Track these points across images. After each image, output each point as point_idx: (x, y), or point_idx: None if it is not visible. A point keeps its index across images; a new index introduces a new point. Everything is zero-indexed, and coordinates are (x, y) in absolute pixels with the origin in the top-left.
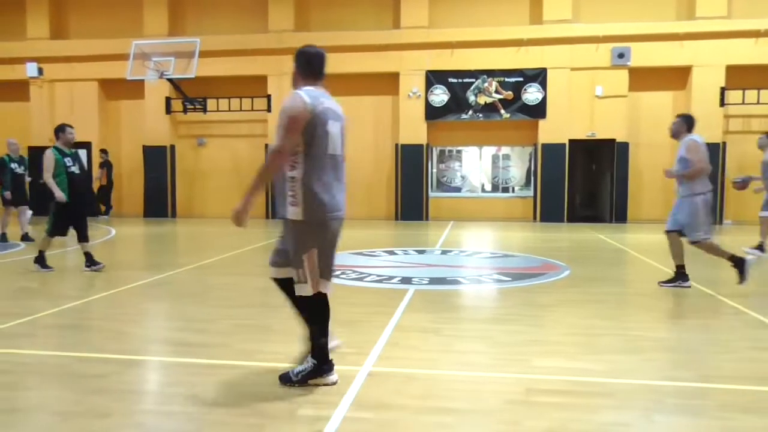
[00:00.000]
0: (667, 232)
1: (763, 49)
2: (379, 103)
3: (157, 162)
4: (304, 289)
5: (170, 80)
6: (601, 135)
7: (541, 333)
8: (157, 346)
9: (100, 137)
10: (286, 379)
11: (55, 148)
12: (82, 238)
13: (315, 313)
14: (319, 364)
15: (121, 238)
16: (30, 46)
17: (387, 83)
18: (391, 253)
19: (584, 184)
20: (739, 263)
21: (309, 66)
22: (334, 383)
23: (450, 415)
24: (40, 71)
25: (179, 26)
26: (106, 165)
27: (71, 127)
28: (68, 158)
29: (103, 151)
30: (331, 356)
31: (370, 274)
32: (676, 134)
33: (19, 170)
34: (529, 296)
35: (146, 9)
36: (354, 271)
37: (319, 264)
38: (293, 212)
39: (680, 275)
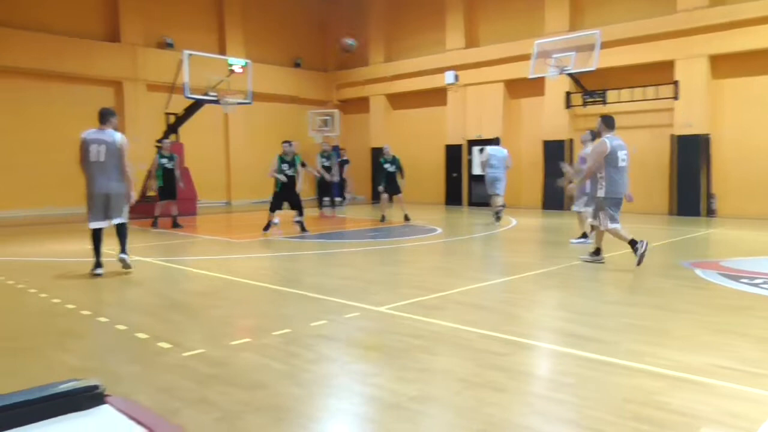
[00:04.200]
0: None
1: None
2: None
3: (556, 156)
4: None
5: (570, 75)
6: None
7: None
8: (548, 333)
9: (504, 133)
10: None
11: (280, 156)
12: (299, 211)
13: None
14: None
15: (521, 229)
16: (448, 57)
17: None
18: None
19: None
20: None
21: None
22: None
23: None
24: (456, 78)
25: (579, 21)
26: (344, 161)
27: (290, 144)
28: (285, 164)
29: (342, 149)
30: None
31: None
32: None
33: (169, 165)
34: None
35: (547, 9)
36: None
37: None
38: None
39: None
